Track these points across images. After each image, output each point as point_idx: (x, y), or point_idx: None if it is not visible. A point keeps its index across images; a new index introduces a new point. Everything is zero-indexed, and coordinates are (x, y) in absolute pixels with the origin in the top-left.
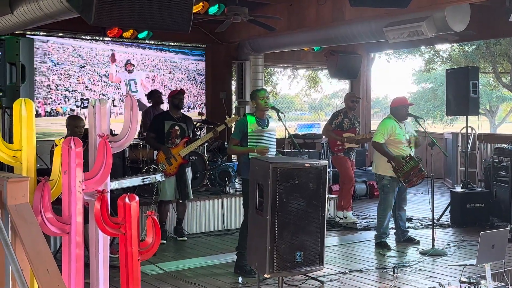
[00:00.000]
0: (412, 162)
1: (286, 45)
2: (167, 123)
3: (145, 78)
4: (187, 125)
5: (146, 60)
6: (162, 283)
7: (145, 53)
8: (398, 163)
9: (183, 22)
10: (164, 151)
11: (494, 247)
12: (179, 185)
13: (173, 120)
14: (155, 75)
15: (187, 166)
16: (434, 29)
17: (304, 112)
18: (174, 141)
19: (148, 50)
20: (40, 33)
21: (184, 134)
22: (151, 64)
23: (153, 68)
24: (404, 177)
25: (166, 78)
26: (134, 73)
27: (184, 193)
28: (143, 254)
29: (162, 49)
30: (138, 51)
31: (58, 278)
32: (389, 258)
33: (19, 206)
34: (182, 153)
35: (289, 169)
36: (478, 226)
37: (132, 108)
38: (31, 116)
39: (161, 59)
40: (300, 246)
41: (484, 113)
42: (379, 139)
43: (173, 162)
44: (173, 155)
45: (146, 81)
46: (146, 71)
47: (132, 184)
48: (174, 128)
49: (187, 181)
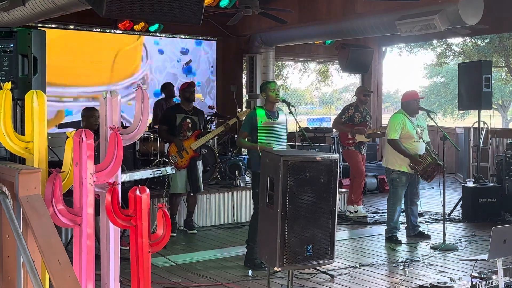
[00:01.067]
0: (429, 158)
1: (297, 38)
2: (179, 116)
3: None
4: (198, 118)
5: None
6: (172, 275)
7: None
8: (416, 161)
9: (195, 15)
10: (177, 143)
11: (506, 242)
12: (190, 178)
13: (184, 113)
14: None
15: (198, 159)
16: (447, 23)
17: (314, 106)
18: (185, 134)
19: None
20: (52, 26)
21: (195, 127)
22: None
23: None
24: (422, 173)
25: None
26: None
27: (195, 186)
28: (154, 247)
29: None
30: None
31: (69, 270)
32: (400, 253)
33: (31, 197)
34: (194, 146)
35: (300, 162)
36: (490, 221)
37: (143, 100)
38: (43, 108)
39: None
40: (311, 240)
41: (496, 107)
42: (394, 135)
43: (184, 155)
44: (184, 148)
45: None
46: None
47: (143, 177)
48: (186, 121)
49: (198, 174)
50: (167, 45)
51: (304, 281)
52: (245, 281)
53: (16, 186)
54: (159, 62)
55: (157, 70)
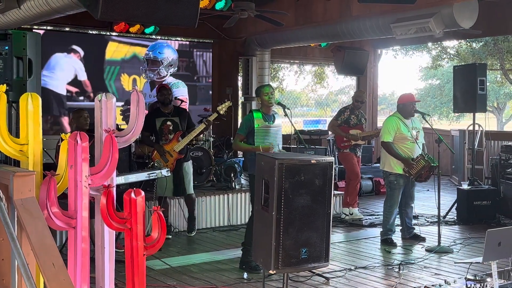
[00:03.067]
0: (423, 161)
1: (292, 41)
2: (158, 120)
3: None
4: (180, 119)
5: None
6: (168, 278)
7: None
8: (409, 165)
9: (190, 17)
10: (157, 149)
11: (501, 244)
12: (174, 181)
13: (164, 115)
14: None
15: (184, 161)
16: (442, 26)
17: (310, 108)
18: (167, 137)
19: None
20: (47, 28)
21: (177, 128)
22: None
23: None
24: (416, 176)
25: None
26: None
27: (180, 189)
28: (149, 249)
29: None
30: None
31: (64, 272)
32: (395, 255)
33: (25, 200)
34: (177, 148)
35: (295, 165)
36: (485, 223)
37: (138, 103)
38: (38, 111)
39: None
40: (306, 243)
41: (491, 110)
42: (387, 138)
43: (168, 158)
44: (167, 151)
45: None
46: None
47: (138, 179)
48: (166, 124)
49: (185, 176)
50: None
51: (300, 283)
52: (240, 283)
53: (10, 189)
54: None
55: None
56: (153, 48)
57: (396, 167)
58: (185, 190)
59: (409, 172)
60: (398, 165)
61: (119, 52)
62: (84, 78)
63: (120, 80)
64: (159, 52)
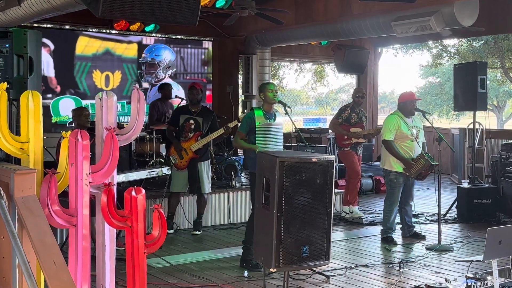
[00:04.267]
0: (422, 161)
1: (293, 39)
2: (182, 117)
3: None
4: (204, 119)
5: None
6: (168, 276)
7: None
8: (408, 164)
9: (191, 15)
10: (174, 145)
11: (501, 243)
12: (189, 179)
13: (189, 113)
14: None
15: (201, 160)
16: (443, 24)
17: (310, 106)
18: (187, 135)
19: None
20: (47, 26)
21: (198, 128)
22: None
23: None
24: (416, 176)
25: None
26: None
27: (193, 187)
28: (149, 247)
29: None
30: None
31: (65, 270)
32: (395, 253)
33: (26, 198)
34: (193, 148)
35: (296, 164)
36: (485, 222)
37: (139, 101)
38: (38, 109)
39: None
40: (306, 241)
41: (491, 108)
42: (388, 136)
43: (184, 155)
44: (184, 149)
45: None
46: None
47: (139, 177)
48: (189, 122)
49: (200, 176)
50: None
51: (300, 282)
52: (241, 281)
53: (11, 187)
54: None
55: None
56: (149, 50)
57: (396, 166)
58: (200, 189)
59: (409, 172)
60: (398, 163)
61: (90, 47)
62: (51, 75)
63: (92, 77)
64: (156, 55)
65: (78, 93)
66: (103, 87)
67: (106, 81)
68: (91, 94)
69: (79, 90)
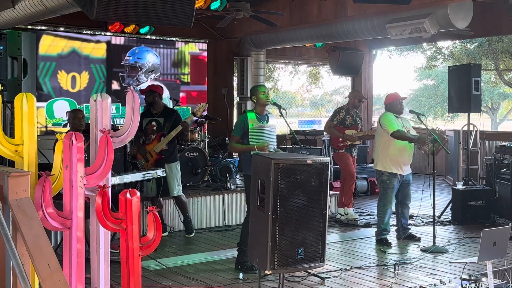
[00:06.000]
0: (434, 136)
1: (288, 41)
2: (145, 120)
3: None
4: (165, 119)
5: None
6: (163, 279)
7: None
8: (421, 141)
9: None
10: (138, 149)
11: (496, 244)
12: (157, 182)
13: (151, 116)
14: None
15: (168, 161)
16: (437, 26)
17: (305, 108)
18: (150, 137)
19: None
20: (42, 27)
21: (160, 129)
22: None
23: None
24: (430, 152)
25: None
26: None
27: (159, 190)
28: (144, 250)
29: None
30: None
31: (59, 273)
32: (390, 255)
33: (20, 200)
34: (157, 149)
35: (291, 165)
36: (479, 223)
37: (133, 103)
38: (33, 111)
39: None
40: (302, 243)
41: (485, 110)
42: (394, 127)
43: (149, 158)
44: (148, 151)
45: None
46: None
47: (134, 180)
48: (151, 124)
49: (168, 178)
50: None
51: (295, 284)
52: (236, 284)
53: (5, 189)
54: None
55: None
56: (132, 53)
57: (388, 166)
58: (168, 192)
59: (423, 149)
60: (390, 164)
61: (55, 47)
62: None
63: (57, 78)
64: (138, 58)
65: (41, 95)
66: (69, 88)
67: (73, 82)
68: (56, 96)
69: (42, 91)
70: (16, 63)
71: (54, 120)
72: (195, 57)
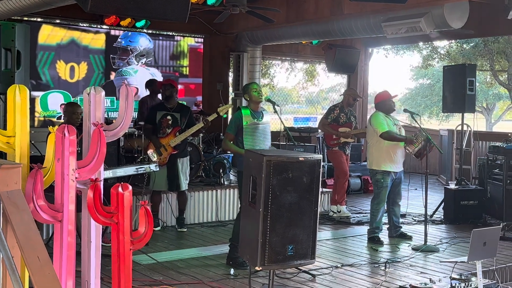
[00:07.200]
0: (422, 139)
1: (284, 38)
2: (159, 113)
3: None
4: (181, 115)
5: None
6: (154, 273)
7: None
8: (409, 141)
9: (181, 12)
10: (152, 141)
11: (486, 244)
12: (168, 176)
13: (165, 110)
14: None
15: (180, 156)
16: (433, 26)
17: (301, 105)
18: (165, 131)
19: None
20: (38, 19)
21: (176, 123)
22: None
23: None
24: (416, 153)
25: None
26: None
27: (173, 184)
28: (135, 244)
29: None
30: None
31: (49, 266)
32: (381, 253)
33: (11, 193)
34: (172, 143)
35: (283, 162)
36: (471, 223)
37: (127, 97)
38: (25, 103)
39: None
40: (292, 240)
41: (480, 110)
42: (383, 128)
43: (163, 152)
44: (162, 145)
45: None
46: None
47: (126, 174)
48: (166, 118)
49: (179, 172)
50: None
51: (286, 280)
52: (226, 279)
53: None
54: None
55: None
56: (125, 36)
57: (383, 166)
58: (179, 186)
59: (409, 148)
60: (384, 162)
61: (54, 37)
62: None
63: (56, 67)
64: (130, 41)
65: (40, 85)
66: (68, 78)
67: (71, 73)
68: (54, 86)
69: (41, 81)
70: (10, 55)
71: (48, 112)
72: (194, 49)
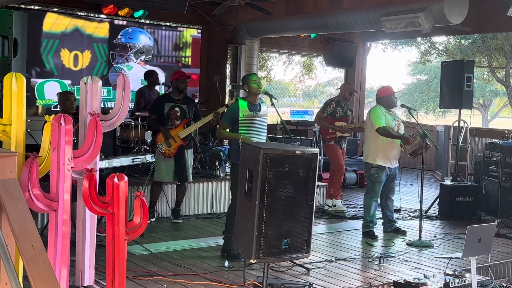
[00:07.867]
0: (419, 138)
1: (282, 30)
2: (167, 105)
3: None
4: (188, 107)
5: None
6: (148, 264)
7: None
8: (405, 139)
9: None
10: (163, 131)
11: (481, 241)
12: (177, 168)
13: (173, 101)
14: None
15: (187, 148)
16: (432, 21)
17: (298, 98)
18: (173, 123)
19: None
20: (35, 7)
21: (184, 115)
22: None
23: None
24: (411, 152)
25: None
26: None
27: (182, 176)
28: (130, 235)
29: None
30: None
31: (43, 255)
32: (376, 248)
33: (6, 181)
34: (182, 135)
35: (279, 156)
36: (466, 219)
37: (124, 87)
38: (22, 91)
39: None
40: (287, 233)
41: (477, 107)
42: (380, 123)
43: (172, 143)
44: (172, 136)
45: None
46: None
47: (122, 164)
48: (174, 109)
49: (186, 163)
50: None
51: (280, 273)
52: (221, 271)
53: None
54: None
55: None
56: (125, 33)
57: (377, 160)
58: (187, 178)
59: (404, 147)
60: (380, 157)
61: (58, 25)
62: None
63: (60, 55)
64: (130, 38)
65: (44, 72)
66: (72, 67)
67: (75, 61)
68: (58, 74)
69: (45, 69)
70: (7, 42)
71: (45, 101)
72: (197, 40)
